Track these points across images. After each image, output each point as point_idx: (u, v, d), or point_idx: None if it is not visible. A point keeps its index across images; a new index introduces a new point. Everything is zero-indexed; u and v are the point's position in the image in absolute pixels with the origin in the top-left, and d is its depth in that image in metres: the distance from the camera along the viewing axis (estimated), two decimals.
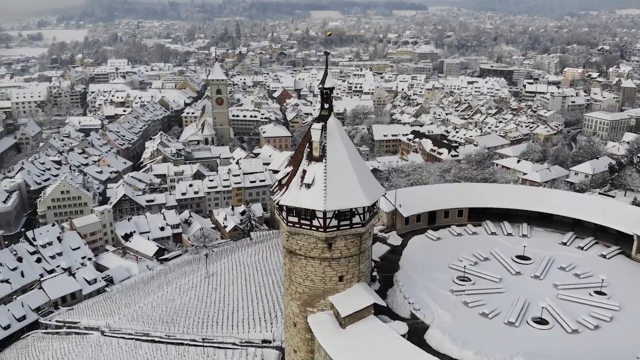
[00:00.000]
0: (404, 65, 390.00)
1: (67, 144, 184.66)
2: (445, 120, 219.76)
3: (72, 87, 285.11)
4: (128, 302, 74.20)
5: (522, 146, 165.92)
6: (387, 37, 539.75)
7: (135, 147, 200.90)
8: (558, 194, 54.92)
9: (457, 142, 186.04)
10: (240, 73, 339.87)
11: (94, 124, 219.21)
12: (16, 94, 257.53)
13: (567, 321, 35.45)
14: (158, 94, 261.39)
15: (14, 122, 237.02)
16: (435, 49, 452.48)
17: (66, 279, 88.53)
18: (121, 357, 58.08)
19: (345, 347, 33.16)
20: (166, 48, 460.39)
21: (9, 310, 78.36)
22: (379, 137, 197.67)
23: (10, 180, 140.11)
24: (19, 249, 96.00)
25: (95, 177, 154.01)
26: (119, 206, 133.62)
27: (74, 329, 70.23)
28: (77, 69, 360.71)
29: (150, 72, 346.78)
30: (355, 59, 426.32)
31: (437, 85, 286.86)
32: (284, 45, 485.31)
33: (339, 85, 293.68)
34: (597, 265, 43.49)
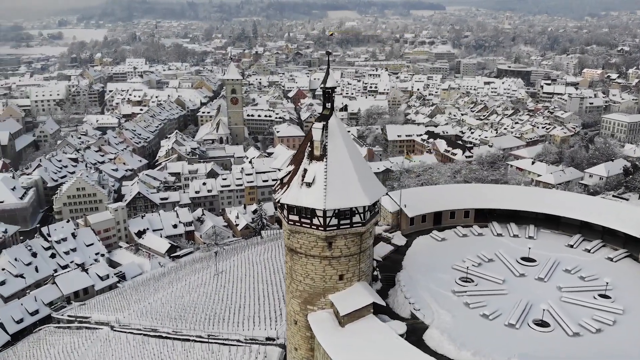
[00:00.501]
0: (420, 66, 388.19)
1: (84, 141, 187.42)
2: (460, 121, 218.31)
3: (90, 85, 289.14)
4: (138, 298, 75.21)
5: (537, 148, 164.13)
6: (404, 37, 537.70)
7: (151, 146, 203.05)
8: (566, 195, 54.36)
9: (471, 143, 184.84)
10: (256, 73, 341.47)
11: (111, 123, 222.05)
12: (35, 92, 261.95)
13: (568, 324, 35.11)
14: (175, 93, 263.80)
15: (32, 120, 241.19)
16: (452, 49, 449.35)
17: (79, 275, 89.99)
18: (129, 352, 58.96)
19: (343, 345, 33.28)
20: (183, 48, 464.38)
21: (22, 304, 79.98)
22: (392, 138, 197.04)
23: (28, 177, 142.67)
24: (34, 245, 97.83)
25: (111, 175, 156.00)
26: (133, 204, 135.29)
27: (84, 324, 71.41)
28: (95, 68, 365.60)
29: (167, 72, 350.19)
30: (371, 59, 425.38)
31: (453, 86, 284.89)
32: (300, 45, 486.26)
33: (354, 85, 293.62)
34: (603, 268, 42.95)
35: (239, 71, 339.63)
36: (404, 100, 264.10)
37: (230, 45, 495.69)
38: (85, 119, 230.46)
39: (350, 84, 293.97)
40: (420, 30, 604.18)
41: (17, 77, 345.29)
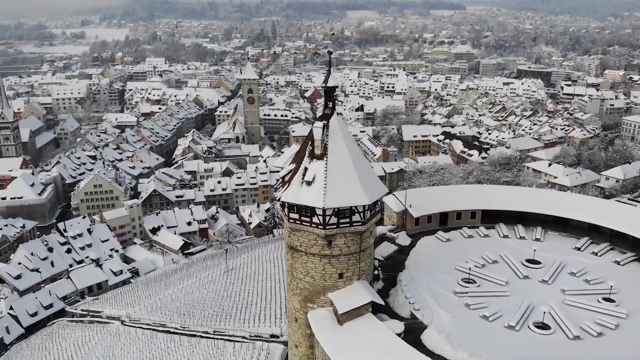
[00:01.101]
0: (439, 66, 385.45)
1: (103, 139, 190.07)
2: (478, 122, 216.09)
3: (110, 84, 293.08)
4: (149, 294, 76.28)
5: (555, 149, 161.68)
6: (423, 37, 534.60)
7: (168, 144, 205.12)
8: (576, 197, 53.73)
9: (488, 144, 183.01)
10: (273, 73, 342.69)
11: (130, 121, 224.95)
12: (57, 91, 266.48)
13: (569, 327, 34.79)
14: (193, 92, 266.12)
15: (54, 118, 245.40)
16: (472, 49, 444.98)
17: (93, 270, 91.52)
18: (137, 347, 59.92)
19: (340, 343, 33.47)
20: (203, 47, 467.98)
21: (37, 298, 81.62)
22: (408, 138, 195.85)
23: (47, 173, 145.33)
24: (50, 240, 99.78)
25: (128, 172, 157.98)
26: (149, 201, 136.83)
27: (96, 318, 72.68)
28: (116, 67, 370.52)
29: (186, 71, 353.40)
30: (389, 59, 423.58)
31: (472, 86, 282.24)
32: (319, 45, 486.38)
33: (371, 85, 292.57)
34: (609, 271, 42.41)
35: (256, 71, 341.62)
36: (422, 100, 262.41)
37: (249, 45, 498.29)
38: (105, 117, 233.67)
39: (367, 84, 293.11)
40: (440, 30, 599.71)
41: (39, 75, 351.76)
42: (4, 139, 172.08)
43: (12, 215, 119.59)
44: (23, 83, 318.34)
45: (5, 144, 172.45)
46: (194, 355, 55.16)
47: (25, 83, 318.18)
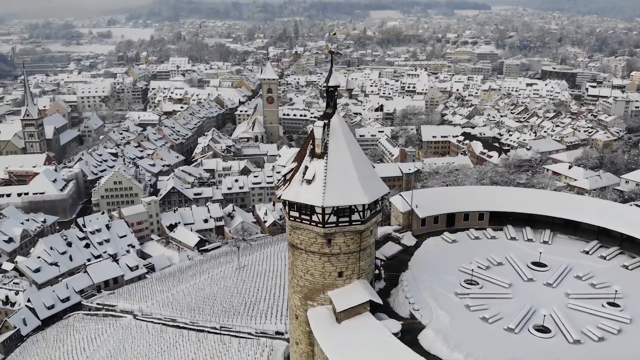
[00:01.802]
0: (462, 66, 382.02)
1: (125, 137, 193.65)
2: (499, 123, 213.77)
3: (134, 83, 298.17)
4: (162, 289, 77.55)
5: (577, 152, 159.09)
6: (446, 37, 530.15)
7: (189, 143, 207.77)
8: (586, 200, 52.82)
9: (509, 145, 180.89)
10: (294, 73, 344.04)
11: (152, 119, 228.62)
12: (82, 89, 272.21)
13: (570, 331, 34.28)
14: (215, 92, 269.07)
15: (78, 116, 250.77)
16: (496, 50, 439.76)
17: (110, 265, 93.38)
18: (147, 340, 61.04)
19: (337, 341, 33.60)
20: (226, 47, 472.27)
21: (54, 291, 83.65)
22: (427, 138, 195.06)
23: (69, 170, 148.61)
24: (69, 235, 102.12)
25: (148, 170, 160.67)
26: (167, 198, 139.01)
27: (110, 312, 74.21)
28: (140, 67, 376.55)
29: (209, 71, 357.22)
30: (411, 59, 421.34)
31: (494, 87, 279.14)
32: (340, 45, 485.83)
33: (392, 85, 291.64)
34: (616, 276, 41.63)
35: (277, 71, 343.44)
36: (442, 100, 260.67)
37: (271, 45, 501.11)
38: (128, 116, 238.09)
39: (387, 84, 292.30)
40: (463, 30, 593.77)
41: (65, 74, 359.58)
42: (29, 136, 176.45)
43: (34, 210, 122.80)
44: (49, 81, 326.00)
45: (30, 141, 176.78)
46: (201, 350, 55.98)
47: (51, 81, 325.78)
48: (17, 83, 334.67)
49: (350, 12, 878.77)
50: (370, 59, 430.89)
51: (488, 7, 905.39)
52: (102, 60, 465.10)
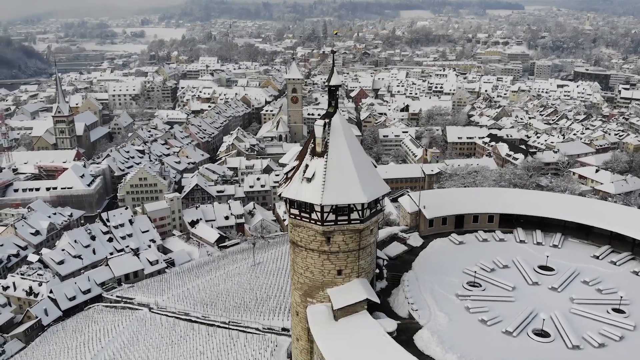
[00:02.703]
0: (492, 66, 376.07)
1: (152, 135, 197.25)
2: (527, 125, 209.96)
3: (164, 82, 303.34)
4: (179, 284, 79.12)
5: (606, 155, 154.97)
6: (477, 37, 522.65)
7: (215, 141, 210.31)
8: (600, 204, 51.69)
9: (536, 147, 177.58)
10: (321, 73, 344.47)
11: (180, 118, 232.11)
12: (113, 87, 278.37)
13: (570, 336, 33.81)
14: (242, 91, 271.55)
15: (109, 113, 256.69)
16: (528, 50, 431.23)
17: (130, 259, 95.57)
18: (159, 333, 62.46)
19: (332, 338, 33.94)
20: (255, 47, 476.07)
21: (76, 283, 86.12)
22: (452, 139, 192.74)
23: (96, 165, 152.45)
24: (93, 229, 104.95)
25: (173, 167, 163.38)
26: (191, 195, 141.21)
27: (128, 304, 76.09)
28: (171, 66, 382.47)
29: (237, 70, 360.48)
30: (440, 59, 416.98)
31: (524, 88, 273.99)
32: (369, 45, 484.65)
33: (419, 85, 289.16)
34: (625, 281, 40.77)
35: (304, 71, 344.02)
36: (470, 101, 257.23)
37: (299, 45, 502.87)
38: (157, 114, 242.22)
39: (414, 84, 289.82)
40: (495, 30, 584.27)
41: (98, 72, 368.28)
42: (60, 132, 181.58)
43: (62, 204, 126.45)
44: (83, 79, 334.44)
45: (61, 137, 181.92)
46: (209, 343, 56.99)
47: (84, 79, 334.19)
48: (52, 81, 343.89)
49: (380, 12, 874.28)
50: (398, 59, 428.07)
51: (521, 7, 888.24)
52: (135, 60, 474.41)
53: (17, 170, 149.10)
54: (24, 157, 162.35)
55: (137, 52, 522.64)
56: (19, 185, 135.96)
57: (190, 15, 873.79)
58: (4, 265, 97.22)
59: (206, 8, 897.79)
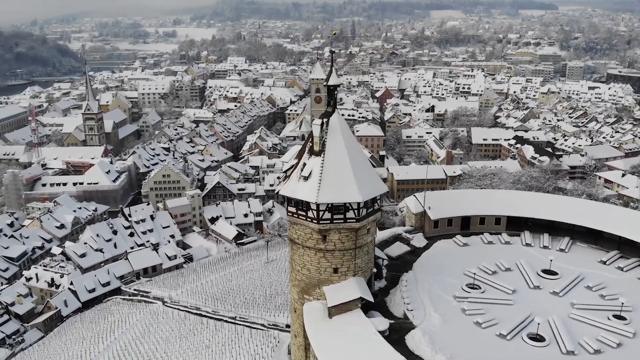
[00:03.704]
0: (522, 67, 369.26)
1: (179, 133, 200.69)
2: (555, 127, 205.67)
3: (192, 81, 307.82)
4: (194, 278, 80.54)
5: (636, 159, 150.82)
6: (507, 37, 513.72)
7: (239, 140, 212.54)
8: (610, 209, 50.57)
9: (563, 150, 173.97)
10: (347, 73, 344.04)
11: (207, 117, 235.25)
12: (142, 86, 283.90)
13: (565, 341, 33.37)
14: (268, 91, 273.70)
15: (138, 111, 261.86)
16: (560, 51, 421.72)
17: (149, 253, 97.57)
18: (170, 326, 63.78)
19: (324, 334, 34.34)
20: (283, 47, 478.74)
21: (96, 275, 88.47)
22: (477, 141, 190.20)
23: (122, 162, 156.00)
24: (115, 223, 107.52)
25: (197, 165, 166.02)
26: (213, 192, 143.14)
27: (144, 298, 77.77)
28: (200, 65, 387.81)
29: (264, 70, 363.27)
30: (469, 59, 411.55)
31: (554, 90, 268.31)
32: (397, 45, 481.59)
33: (446, 85, 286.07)
34: (630, 288, 39.96)
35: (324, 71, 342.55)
36: (498, 102, 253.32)
37: (327, 46, 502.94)
38: (184, 113, 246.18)
39: (441, 85, 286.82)
40: (526, 30, 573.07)
41: (130, 71, 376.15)
42: (89, 129, 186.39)
43: (87, 199, 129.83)
44: (114, 78, 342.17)
45: (90, 134, 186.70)
46: (215, 337, 57.97)
47: (116, 78, 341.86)
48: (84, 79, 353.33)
49: (410, 12, 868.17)
50: (426, 59, 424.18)
51: (555, 7, 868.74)
52: (166, 59, 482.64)
53: (46, 165, 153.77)
54: (54, 153, 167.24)
55: (168, 51, 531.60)
56: (47, 180, 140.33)
57: (221, 15, 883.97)
58: (29, 257, 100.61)
59: (237, 8, 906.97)
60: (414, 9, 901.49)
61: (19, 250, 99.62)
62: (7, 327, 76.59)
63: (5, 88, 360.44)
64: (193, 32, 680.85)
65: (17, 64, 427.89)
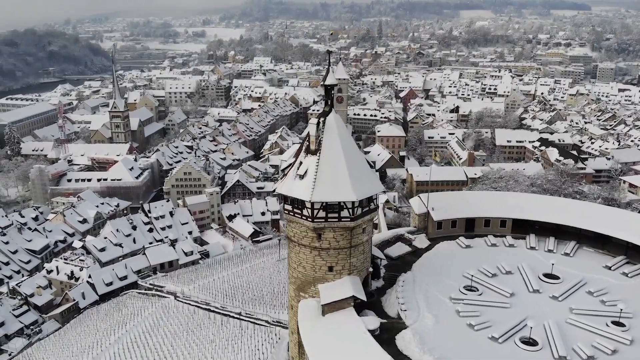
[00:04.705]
0: (552, 68, 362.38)
1: (203, 131, 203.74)
2: (582, 130, 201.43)
3: (218, 81, 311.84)
4: (207, 274, 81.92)
5: None
6: (537, 38, 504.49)
7: (261, 139, 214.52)
8: (619, 213, 49.42)
9: (589, 153, 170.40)
10: (372, 73, 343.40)
11: (231, 116, 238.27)
12: (170, 85, 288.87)
13: (558, 346, 32.84)
14: (292, 91, 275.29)
15: (165, 110, 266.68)
16: (591, 52, 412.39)
17: (166, 249, 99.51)
18: (179, 320, 65.09)
19: (315, 331, 34.60)
20: (309, 48, 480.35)
21: (114, 269, 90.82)
22: (501, 142, 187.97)
23: (146, 159, 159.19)
24: (135, 219, 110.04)
25: (218, 163, 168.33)
26: (232, 190, 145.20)
27: (158, 292, 79.41)
28: (226, 65, 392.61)
29: (289, 70, 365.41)
30: (497, 60, 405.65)
31: (583, 91, 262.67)
32: (424, 45, 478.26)
33: (472, 86, 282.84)
34: (633, 294, 39.02)
35: (356, 71, 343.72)
36: (524, 104, 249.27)
37: (353, 46, 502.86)
38: (209, 112, 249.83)
39: (467, 85, 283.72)
40: (557, 31, 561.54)
41: (158, 70, 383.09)
42: (115, 127, 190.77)
43: (110, 195, 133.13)
44: (143, 77, 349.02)
45: (116, 131, 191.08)
46: (220, 332, 58.97)
47: (145, 77, 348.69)
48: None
49: (438, 12, 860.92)
50: (453, 59, 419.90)
51: (587, 8, 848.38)
52: (194, 59, 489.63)
53: (72, 161, 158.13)
54: (80, 149, 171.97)
55: (197, 51, 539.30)
56: (72, 176, 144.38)
57: (249, 15, 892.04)
58: (51, 250, 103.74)
59: (265, 9, 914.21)
60: (443, 9, 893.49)
61: (42, 243, 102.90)
62: (26, 317, 79.31)
63: (37, 86, 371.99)
64: (222, 32, 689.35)
65: (49, 63, 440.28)
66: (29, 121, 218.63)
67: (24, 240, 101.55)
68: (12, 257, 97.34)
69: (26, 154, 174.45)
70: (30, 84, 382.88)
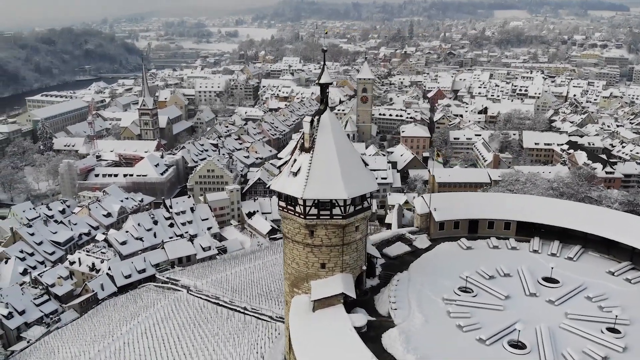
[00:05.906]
0: (586, 70, 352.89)
1: (229, 130, 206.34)
2: (614, 133, 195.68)
3: (247, 80, 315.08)
4: (221, 269, 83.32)
5: None
6: (573, 39, 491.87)
7: (285, 138, 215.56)
8: (626, 218, 48.19)
9: (620, 157, 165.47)
10: (400, 73, 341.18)
11: (257, 115, 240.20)
12: (200, 84, 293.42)
13: (546, 351, 32.50)
14: (318, 91, 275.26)
15: (194, 108, 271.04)
16: (628, 54, 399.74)
17: (185, 244, 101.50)
18: (189, 313, 66.40)
19: (303, 327, 35.05)
20: (338, 47, 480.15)
21: (132, 262, 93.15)
22: (528, 145, 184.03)
23: (171, 156, 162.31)
24: (157, 214, 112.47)
25: (242, 161, 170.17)
26: (254, 188, 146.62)
27: (173, 286, 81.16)
28: (256, 65, 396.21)
29: (317, 70, 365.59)
30: (530, 61, 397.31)
31: (616, 94, 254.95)
32: (455, 45, 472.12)
33: (502, 87, 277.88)
34: (633, 300, 38.24)
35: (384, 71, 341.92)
36: (555, 106, 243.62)
37: (384, 46, 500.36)
38: (237, 111, 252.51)
39: (497, 86, 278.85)
40: (593, 32, 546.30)
41: (190, 69, 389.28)
42: (144, 124, 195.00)
43: (135, 190, 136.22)
44: (175, 75, 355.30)
45: (145, 128, 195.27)
46: (225, 325, 59.97)
47: (176, 75, 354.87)
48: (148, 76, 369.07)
49: (472, 12, 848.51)
50: (485, 59, 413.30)
51: (626, 8, 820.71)
52: (226, 58, 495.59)
53: (100, 157, 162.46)
54: (109, 146, 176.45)
55: (229, 51, 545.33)
56: (100, 171, 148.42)
57: (282, 15, 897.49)
58: (75, 242, 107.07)
59: (297, 9, 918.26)
60: (477, 9, 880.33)
61: (66, 235, 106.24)
62: (46, 306, 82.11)
63: (73, 83, 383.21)
64: (254, 32, 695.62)
65: (86, 61, 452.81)
66: (62, 117, 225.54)
67: (49, 232, 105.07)
68: (37, 248, 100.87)
69: (58, 149, 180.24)
70: (66, 82, 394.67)
